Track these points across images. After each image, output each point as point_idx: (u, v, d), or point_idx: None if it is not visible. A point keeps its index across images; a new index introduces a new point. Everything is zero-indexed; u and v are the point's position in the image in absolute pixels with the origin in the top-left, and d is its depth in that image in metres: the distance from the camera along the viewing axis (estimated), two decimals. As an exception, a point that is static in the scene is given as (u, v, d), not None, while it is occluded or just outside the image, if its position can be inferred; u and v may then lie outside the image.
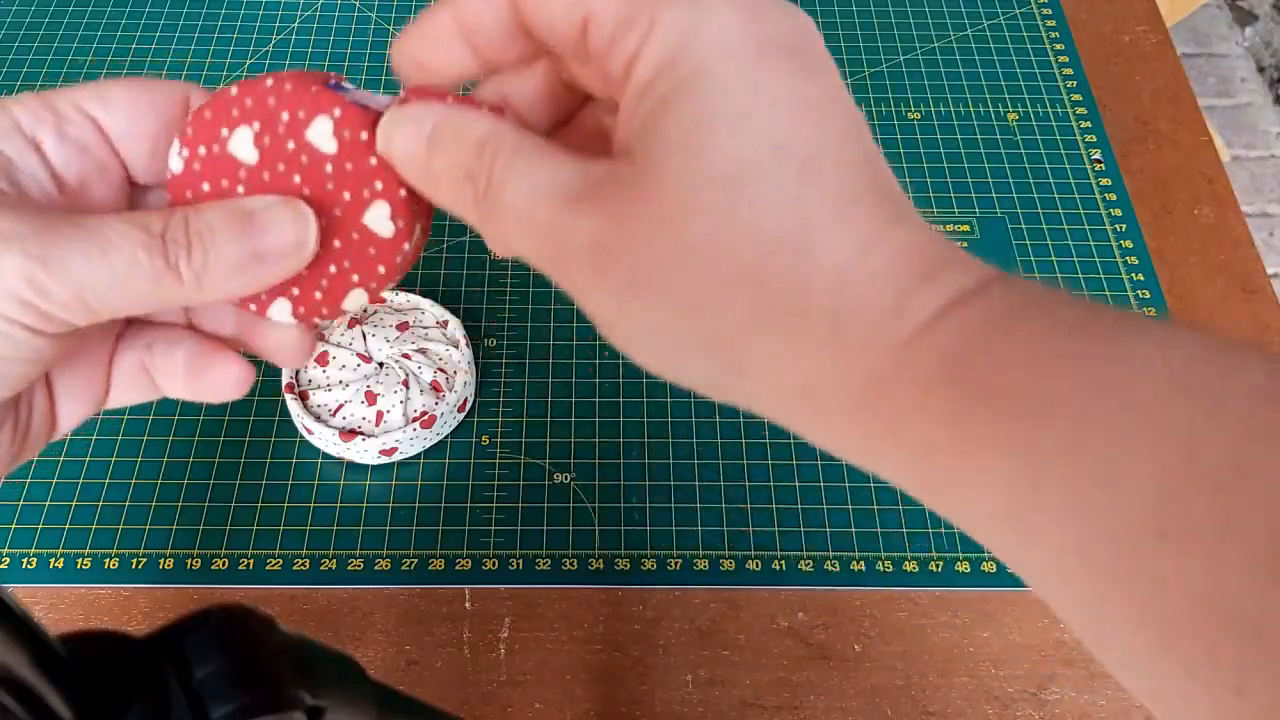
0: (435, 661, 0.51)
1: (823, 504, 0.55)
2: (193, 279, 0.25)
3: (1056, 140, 0.70)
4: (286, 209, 0.26)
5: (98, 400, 0.29)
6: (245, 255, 0.26)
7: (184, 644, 0.24)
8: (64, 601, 0.52)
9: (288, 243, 0.26)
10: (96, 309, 0.25)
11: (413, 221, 0.27)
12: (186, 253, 0.25)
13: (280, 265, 0.26)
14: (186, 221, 0.25)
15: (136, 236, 0.25)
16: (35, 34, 0.74)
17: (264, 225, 0.26)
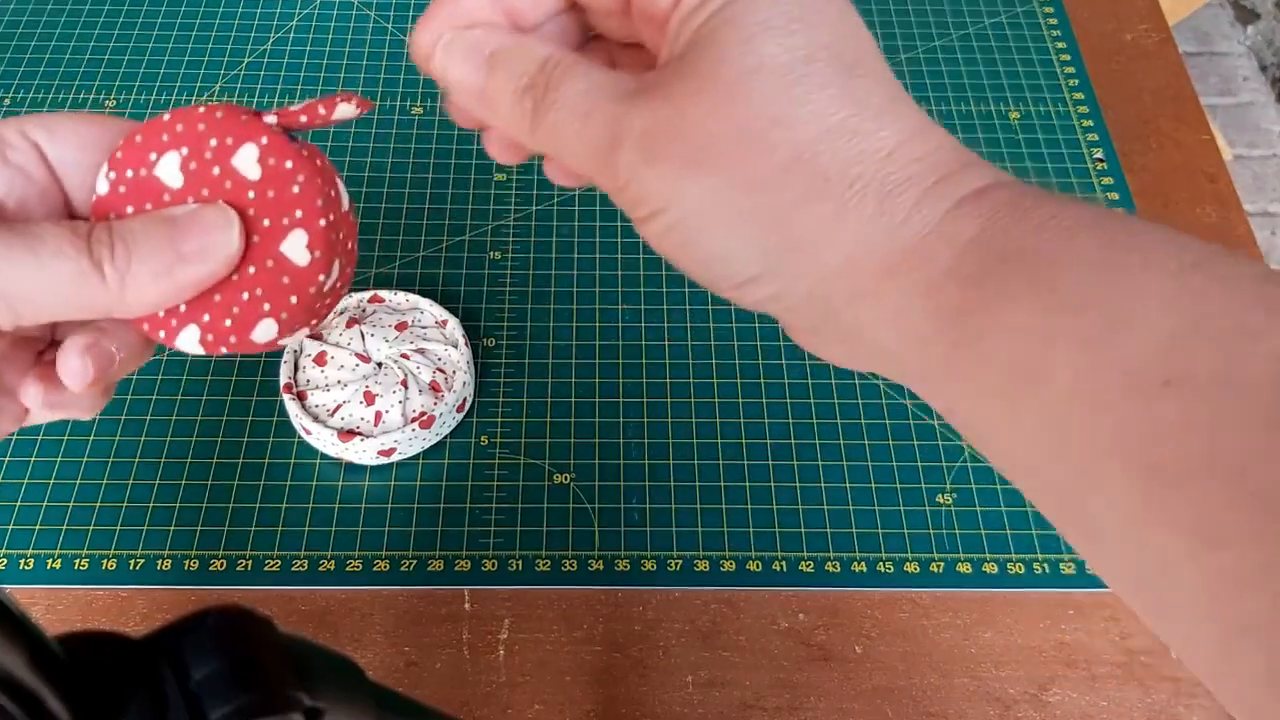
0: (434, 663, 0.51)
1: (823, 504, 0.55)
2: (116, 280, 0.25)
3: (1058, 139, 0.70)
4: (211, 211, 0.26)
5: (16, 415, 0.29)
6: (170, 257, 0.26)
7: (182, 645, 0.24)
8: (61, 602, 0.52)
9: (212, 242, 0.26)
10: (20, 310, 0.25)
11: (330, 254, 0.27)
12: (109, 252, 0.25)
13: (204, 266, 0.26)
14: (111, 226, 0.26)
15: (63, 234, 0.25)
16: (34, 33, 0.73)
17: (188, 227, 0.26)
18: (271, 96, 0.70)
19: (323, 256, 0.27)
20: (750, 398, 0.58)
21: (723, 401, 0.58)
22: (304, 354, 0.57)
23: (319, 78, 0.72)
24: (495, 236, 0.65)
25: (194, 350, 0.28)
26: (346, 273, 0.28)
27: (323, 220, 0.27)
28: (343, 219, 0.28)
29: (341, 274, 0.28)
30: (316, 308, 0.28)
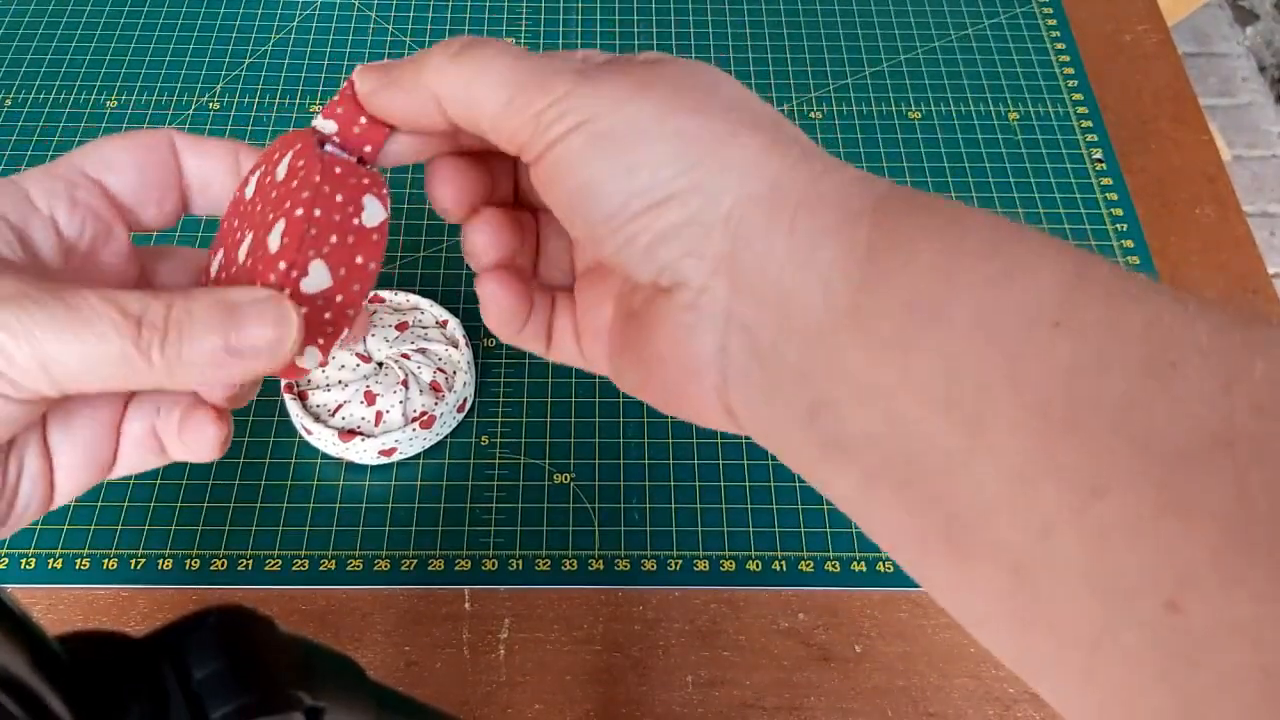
0: (435, 662, 0.51)
1: (823, 504, 0.55)
2: (164, 366, 0.25)
3: (1057, 140, 0.70)
4: (272, 308, 0.26)
5: (103, 467, 0.29)
6: (221, 349, 0.25)
7: (183, 644, 0.24)
8: (62, 602, 0.52)
9: (266, 341, 0.25)
10: (61, 382, 0.24)
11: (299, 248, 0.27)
12: (161, 339, 0.24)
13: (255, 363, 0.26)
14: (170, 307, 0.25)
15: (111, 316, 0.24)
16: (34, 33, 0.74)
17: (245, 320, 0.25)
18: (272, 97, 0.70)
19: (289, 246, 0.26)
20: (750, 398, 0.58)
21: (722, 401, 0.58)
22: (304, 354, 0.57)
23: (319, 78, 0.72)
24: (495, 237, 0.65)
25: None
26: (351, 290, 0.27)
27: (300, 210, 0.26)
28: (354, 230, 0.27)
29: (341, 285, 0.27)
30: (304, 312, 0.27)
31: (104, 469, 0.29)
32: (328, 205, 0.27)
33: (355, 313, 0.28)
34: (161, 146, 0.29)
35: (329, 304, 0.27)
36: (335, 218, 0.27)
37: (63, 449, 0.28)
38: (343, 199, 0.27)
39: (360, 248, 0.27)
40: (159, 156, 0.29)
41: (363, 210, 0.28)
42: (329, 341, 0.28)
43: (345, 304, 0.27)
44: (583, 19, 0.76)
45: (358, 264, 0.27)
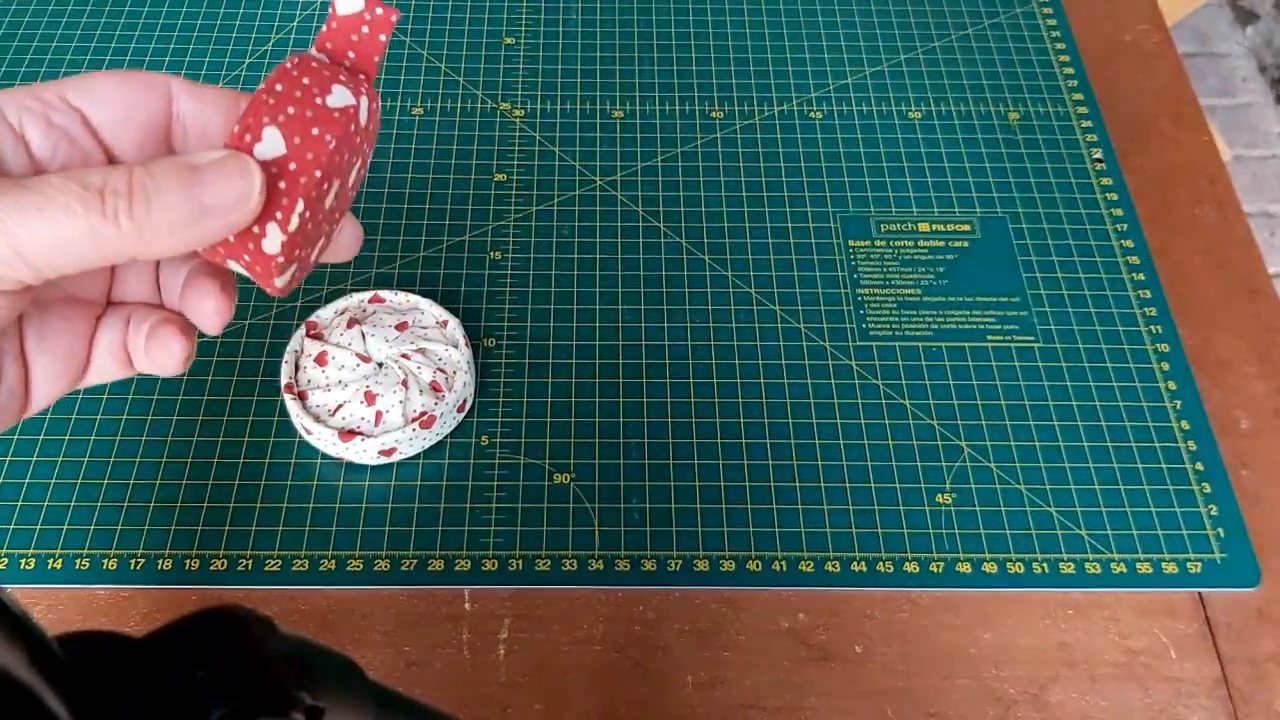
0: (434, 662, 0.51)
1: (823, 504, 0.55)
2: (134, 232, 0.25)
3: (1057, 139, 0.70)
4: (234, 162, 0.26)
5: (75, 376, 0.30)
6: (192, 209, 0.26)
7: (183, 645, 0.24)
8: (62, 602, 0.52)
9: (234, 195, 0.26)
10: (38, 265, 0.25)
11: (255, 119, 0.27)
12: (127, 204, 0.25)
13: (225, 220, 0.26)
14: (130, 174, 0.26)
15: (72, 189, 0.25)
16: (35, 34, 0.74)
17: (207, 177, 0.26)
18: (272, 97, 0.70)
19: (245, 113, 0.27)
20: (750, 398, 0.58)
21: (723, 401, 0.58)
22: (305, 354, 0.57)
23: (319, 78, 0.72)
24: (495, 236, 0.65)
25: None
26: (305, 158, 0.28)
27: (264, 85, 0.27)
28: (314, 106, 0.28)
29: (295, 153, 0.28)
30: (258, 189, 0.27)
31: (77, 378, 0.30)
32: (291, 83, 0.28)
33: (308, 183, 0.28)
34: (155, 90, 0.29)
35: (283, 172, 0.27)
36: (296, 93, 0.28)
37: (39, 358, 0.29)
38: (309, 81, 0.28)
39: (319, 122, 0.28)
40: (149, 99, 0.29)
41: (329, 94, 0.28)
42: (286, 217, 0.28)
43: (298, 172, 0.28)
44: (583, 19, 0.76)
45: (314, 135, 0.28)
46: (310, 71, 0.28)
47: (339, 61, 0.30)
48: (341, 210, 0.31)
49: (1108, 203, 0.67)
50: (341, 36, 0.30)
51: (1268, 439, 0.58)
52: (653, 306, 0.62)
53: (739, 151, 0.69)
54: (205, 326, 0.30)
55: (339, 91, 0.28)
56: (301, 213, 0.28)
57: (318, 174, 0.28)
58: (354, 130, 0.29)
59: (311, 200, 0.28)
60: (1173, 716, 0.50)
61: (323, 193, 0.29)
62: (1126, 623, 0.52)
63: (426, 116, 0.70)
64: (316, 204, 0.28)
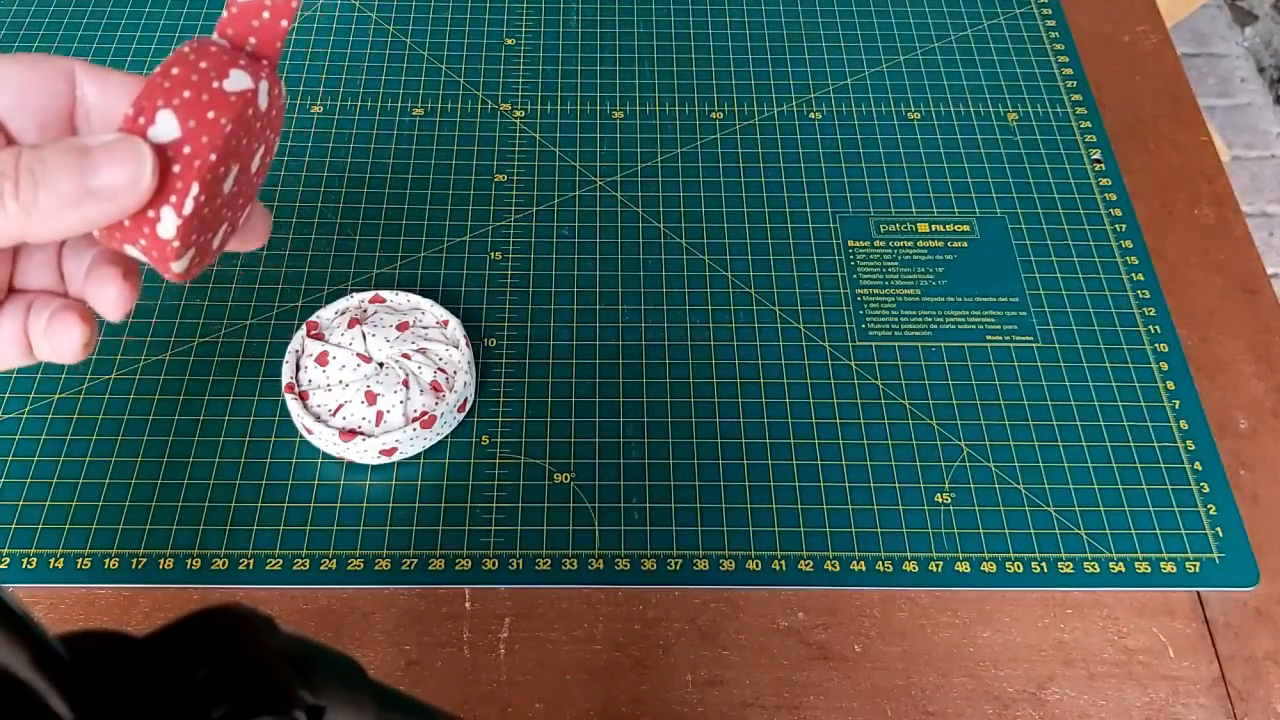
0: (435, 661, 0.51)
1: (823, 504, 0.55)
2: (20, 214, 0.25)
3: (1056, 140, 0.70)
4: (125, 146, 0.26)
5: None
6: (78, 191, 0.26)
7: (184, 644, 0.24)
8: (64, 602, 0.52)
9: (125, 180, 0.26)
10: None
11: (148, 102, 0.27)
12: (14, 185, 0.25)
13: (115, 202, 0.26)
14: (19, 156, 0.25)
15: None
16: (35, 34, 0.74)
17: (98, 160, 0.26)
18: (272, 97, 0.71)
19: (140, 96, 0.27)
20: (750, 398, 0.59)
21: (723, 401, 0.58)
22: (306, 354, 0.57)
23: (320, 79, 0.72)
24: (495, 236, 0.65)
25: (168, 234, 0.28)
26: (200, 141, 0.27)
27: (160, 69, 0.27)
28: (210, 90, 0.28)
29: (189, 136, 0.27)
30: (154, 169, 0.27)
31: None
32: (187, 67, 0.28)
33: (202, 165, 0.27)
34: (57, 74, 0.29)
35: (177, 155, 0.27)
36: (192, 77, 0.28)
37: None
38: (206, 65, 0.28)
39: (214, 105, 0.28)
40: (50, 83, 0.29)
41: (226, 78, 0.28)
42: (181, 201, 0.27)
43: (192, 156, 0.27)
44: (583, 19, 0.76)
45: (209, 118, 0.27)
46: (208, 55, 0.28)
47: (240, 47, 0.29)
48: (246, 197, 0.31)
49: (1106, 203, 0.67)
50: (243, 22, 0.30)
51: (1266, 439, 0.58)
52: (653, 306, 0.62)
53: (739, 152, 0.69)
54: (107, 313, 0.30)
55: (236, 75, 0.28)
56: (196, 196, 0.28)
57: (213, 157, 0.27)
58: (252, 115, 0.29)
59: (207, 184, 0.28)
60: (1171, 715, 0.50)
61: (219, 176, 0.28)
62: (1125, 622, 0.52)
63: (427, 117, 0.70)
64: (213, 188, 0.28)
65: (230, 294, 0.62)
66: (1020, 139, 0.70)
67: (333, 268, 0.63)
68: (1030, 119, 0.71)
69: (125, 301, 0.30)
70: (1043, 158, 0.69)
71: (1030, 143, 0.70)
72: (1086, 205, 0.67)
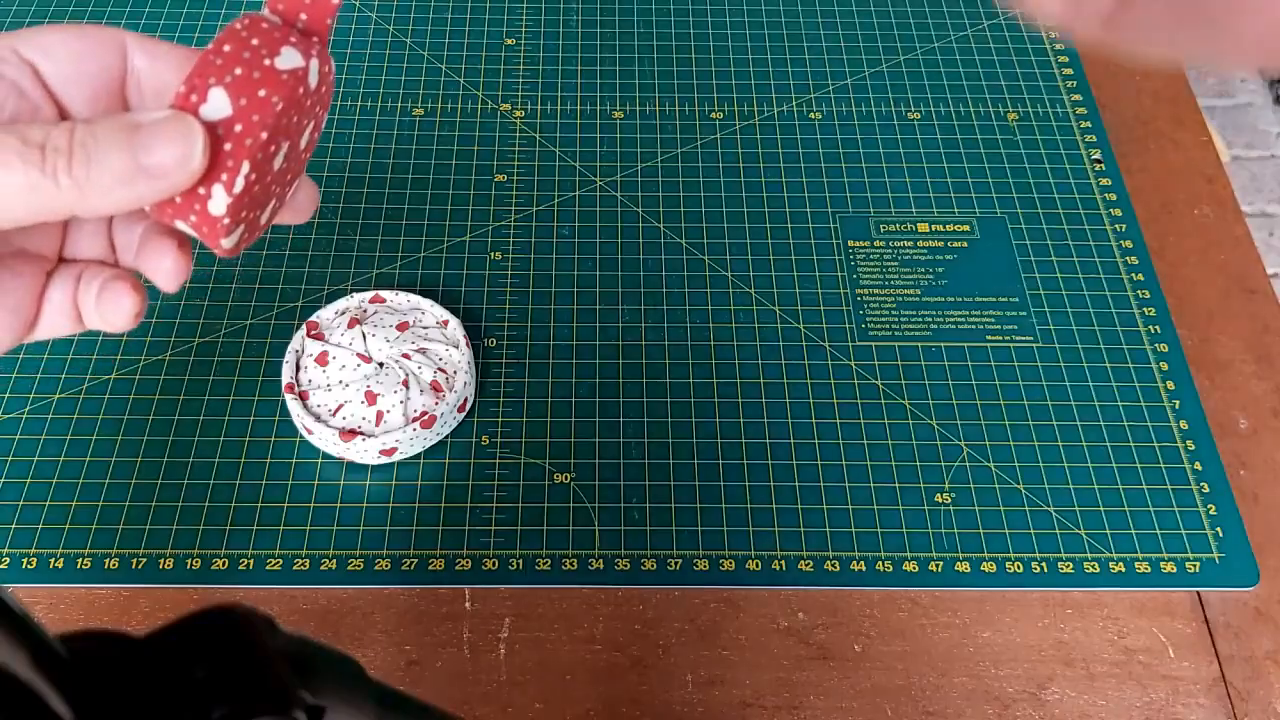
0: (435, 661, 0.51)
1: (822, 504, 0.55)
2: (73, 190, 0.25)
3: (1056, 140, 0.70)
4: (176, 123, 0.26)
5: (21, 330, 0.30)
6: (130, 168, 0.26)
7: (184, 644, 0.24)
8: (64, 601, 0.52)
9: (175, 157, 0.26)
10: None
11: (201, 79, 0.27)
12: (67, 161, 0.25)
13: (166, 180, 0.26)
14: (72, 131, 0.25)
15: (13, 144, 0.25)
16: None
17: (149, 137, 0.26)
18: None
19: (191, 74, 0.27)
20: (750, 398, 0.59)
21: (723, 401, 0.58)
22: (306, 354, 0.57)
23: (320, 79, 0.72)
24: (495, 236, 0.65)
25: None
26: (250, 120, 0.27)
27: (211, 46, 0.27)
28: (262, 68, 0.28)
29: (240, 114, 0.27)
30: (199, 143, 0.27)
31: (23, 332, 0.30)
32: (239, 44, 0.28)
33: (253, 144, 0.27)
34: (110, 44, 0.29)
35: (228, 133, 0.27)
36: (244, 54, 0.28)
37: None
38: (258, 43, 0.28)
39: (266, 83, 0.28)
40: (103, 54, 0.29)
41: (278, 55, 0.28)
42: (232, 179, 0.28)
43: (243, 134, 0.27)
44: (583, 19, 0.76)
45: (260, 97, 0.27)
46: (260, 33, 0.28)
47: (290, 23, 0.29)
48: (294, 173, 0.31)
49: (1106, 203, 0.67)
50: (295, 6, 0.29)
51: (1266, 439, 0.58)
52: (653, 306, 0.62)
53: (739, 152, 0.69)
54: (162, 284, 0.30)
55: (288, 53, 0.28)
56: (247, 175, 0.28)
57: (264, 136, 0.27)
58: (303, 93, 0.29)
59: (258, 162, 0.28)
60: (1171, 715, 0.50)
61: (270, 155, 0.28)
62: (1125, 622, 0.53)
63: (427, 117, 0.70)
64: (264, 166, 0.28)
65: (230, 294, 0.62)
66: (1020, 139, 0.70)
67: (333, 268, 0.63)
68: (1030, 119, 0.71)
69: (181, 273, 0.30)
70: (1043, 158, 0.69)
71: (1030, 143, 0.70)
72: (1086, 205, 0.67)
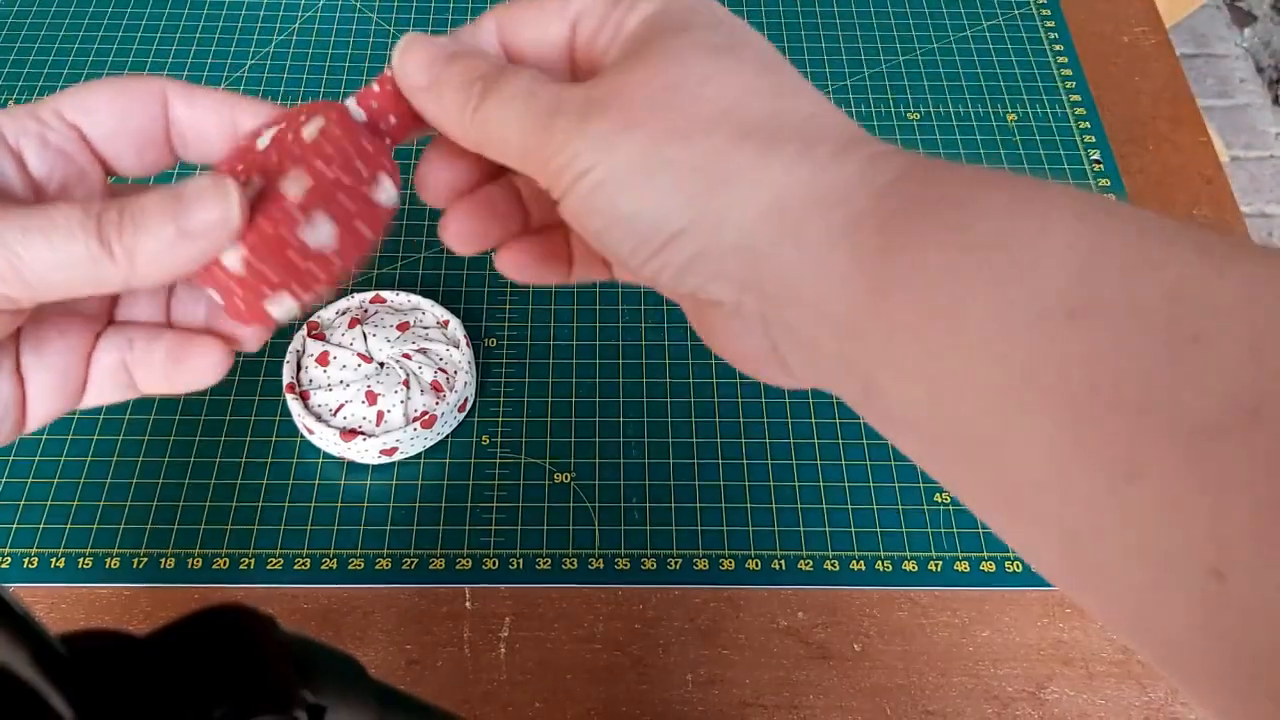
0: (436, 661, 0.51)
1: (822, 504, 0.55)
2: (125, 259, 0.26)
3: (1055, 141, 0.70)
4: (212, 186, 0.27)
5: (72, 396, 0.30)
6: (174, 232, 0.27)
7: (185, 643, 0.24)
8: (65, 601, 0.52)
9: (214, 217, 0.27)
10: (34, 285, 0.25)
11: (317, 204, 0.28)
12: (118, 232, 0.26)
13: (206, 240, 0.27)
14: (123, 206, 0.26)
15: (75, 215, 0.26)
16: (36, 35, 0.74)
17: (190, 202, 0.27)
18: (274, 98, 0.71)
19: (308, 200, 0.27)
20: (749, 397, 0.59)
21: (722, 401, 0.59)
22: (306, 354, 0.57)
23: (321, 79, 0.72)
24: (495, 237, 0.65)
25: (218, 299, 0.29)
26: (349, 252, 0.28)
27: (324, 166, 0.28)
28: (363, 199, 0.29)
29: (341, 245, 0.28)
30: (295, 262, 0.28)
31: (75, 397, 0.30)
32: (349, 170, 0.28)
33: (343, 271, 0.28)
34: (149, 97, 0.30)
35: (320, 259, 0.28)
36: (347, 181, 0.28)
37: (35, 375, 0.29)
38: (365, 171, 0.29)
39: (364, 216, 0.29)
40: (144, 107, 0.29)
41: (377, 184, 0.29)
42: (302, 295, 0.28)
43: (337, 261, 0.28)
44: (583, 20, 0.76)
45: (357, 228, 0.29)
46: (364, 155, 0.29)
47: (375, 124, 0.30)
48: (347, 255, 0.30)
49: (1106, 203, 0.67)
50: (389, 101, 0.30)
51: (1265, 439, 0.58)
52: (653, 306, 0.62)
53: (738, 152, 0.69)
54: (247, 343, 0.31)
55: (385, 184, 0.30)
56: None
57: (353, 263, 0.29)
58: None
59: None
60: (1170, 715, 0.50)
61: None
62: (1124, 622, 0.53)
63: (427, 117, 0.70)
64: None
65: (231, 294, 0.62)
66: (1020, 139, 0.70)
67: (333, 268, 0.63)
68: (1030, 119, 0.71)
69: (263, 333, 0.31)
70: (1042, 158, 0.69)
71: (1030, 143, 0.70)
72: (1086, 205, 0.67)
